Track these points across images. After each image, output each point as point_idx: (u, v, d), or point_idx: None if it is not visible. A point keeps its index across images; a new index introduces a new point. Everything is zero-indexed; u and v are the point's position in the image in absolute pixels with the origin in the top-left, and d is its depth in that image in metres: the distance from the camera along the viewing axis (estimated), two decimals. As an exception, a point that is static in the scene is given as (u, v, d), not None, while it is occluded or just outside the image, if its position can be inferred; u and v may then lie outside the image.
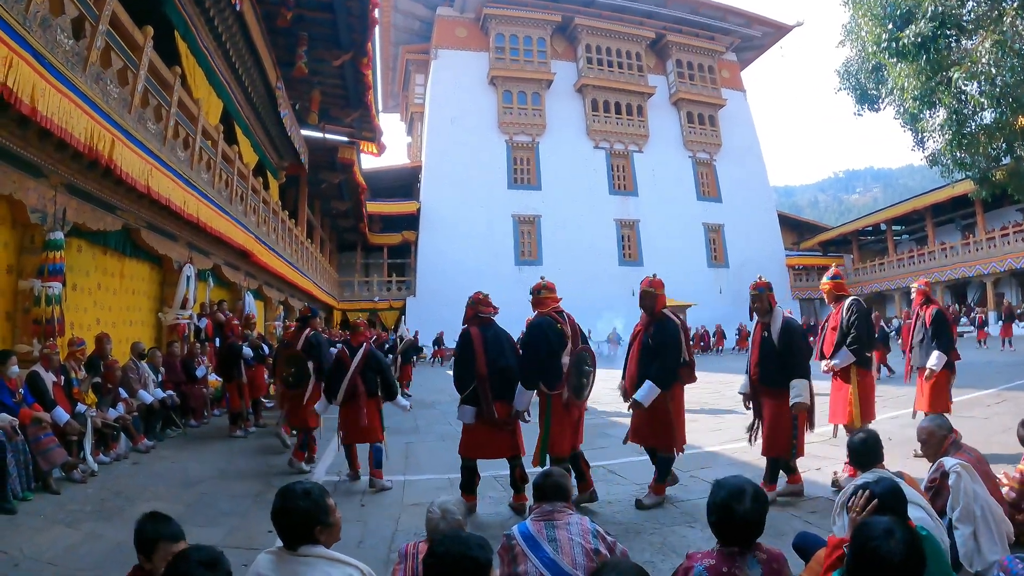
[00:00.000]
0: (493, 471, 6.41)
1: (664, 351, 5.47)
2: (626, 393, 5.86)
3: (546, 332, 5.36)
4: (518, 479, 5.62)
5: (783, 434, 5.58)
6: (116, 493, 6.01)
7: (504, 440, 5.58)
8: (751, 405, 6.08)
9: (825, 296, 6.66)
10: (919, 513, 2.93)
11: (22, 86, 5.39)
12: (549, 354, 5.31)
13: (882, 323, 15.52)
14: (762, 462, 6.94)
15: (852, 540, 2.23)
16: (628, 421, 9.84)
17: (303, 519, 2.46)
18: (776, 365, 5.59)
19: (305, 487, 2.55)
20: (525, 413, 5.50)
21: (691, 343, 6.02)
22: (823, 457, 7.03)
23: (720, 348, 33.99)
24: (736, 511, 2.46)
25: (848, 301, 6.34)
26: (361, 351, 6.90)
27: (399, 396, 7.09)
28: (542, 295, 5.70)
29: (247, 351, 10.00)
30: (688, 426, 9.74)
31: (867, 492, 2.75)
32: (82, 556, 4.43)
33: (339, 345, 7.88)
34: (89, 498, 5.77)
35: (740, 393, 6.25)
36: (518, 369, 5.53)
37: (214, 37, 12.21)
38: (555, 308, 5.60)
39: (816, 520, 4.80)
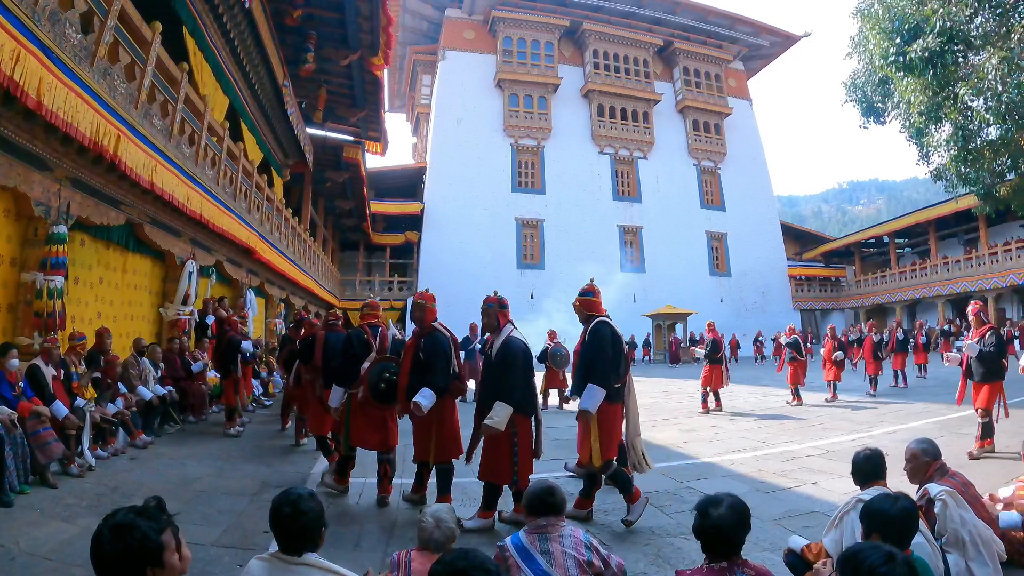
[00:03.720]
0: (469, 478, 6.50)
1: (436, 363, 5.63)
2: (401, 408, 5.91)
3: (352, 341, 6.40)
4: (330, 447, 7.24)
5: (501, 459, 5.26)
6: (113, 489, 6.01)
7: (331, 420, 6.85)
8: None
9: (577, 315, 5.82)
10: (918, 538, 2.93)
11: (29, 80, 5.39)
12: (352, 360, 6.25)
13: (900, 331, 15.61)
14: (760, 474, 7.00)
15: (846, 564, 2.17)
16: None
17: (316, 522, 2.48)
18: (495, 386, 5.28)
19: (307, 490, 2.57)
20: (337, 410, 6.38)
21: (460, 356, 6.13)
22: (819, 471, 7.03)
23: (736, 357, 33.83)
24: (710, 517, 2.55)
25: (593, 324, 5.50)
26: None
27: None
28: (365, 311, 6.84)
29: (245, 345, 10.00)
30: (685, 435, 9.81)
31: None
32: (78, 551, 4.40)
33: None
34: (86, 493, 5.76)
35: None
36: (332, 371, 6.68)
37: (222, 34, 12.23)
38: (370, 323, 6.57)
39: (811, 535, 4.79)
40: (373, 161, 27.31)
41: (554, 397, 13.14)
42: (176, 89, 9.75)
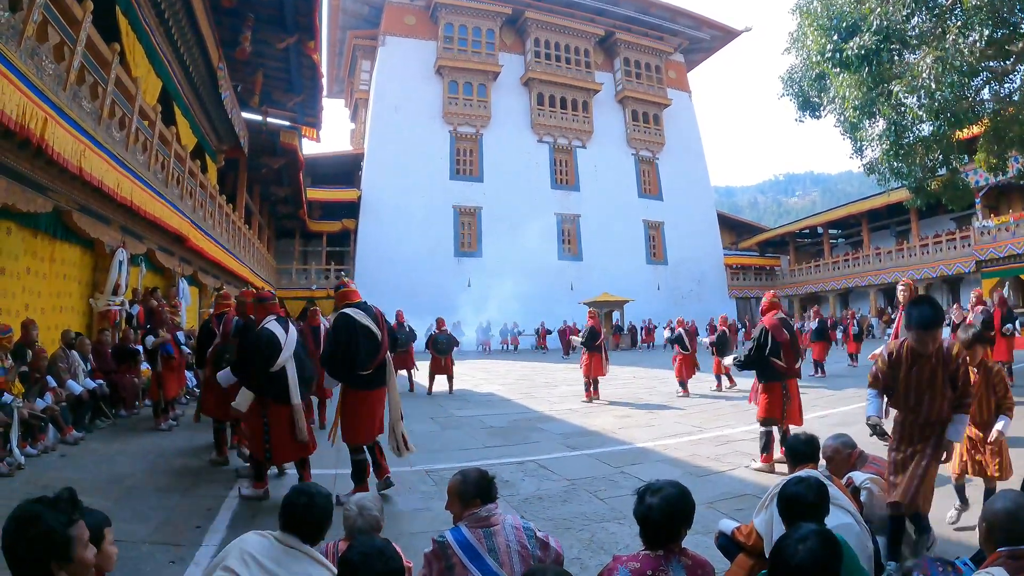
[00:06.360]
0: (423, 466, 6.66)
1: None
2: None
3: (204, 331, 7.70)
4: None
5: (255, 436, 5.71)
6: (44, 487, 5.73)
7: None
8: None
9: None
10: (847, 519, 3.00)
11: (-48, 61, 5.14)
12: (201, 345, 7.69)
13: (820, 318, 16.00)
14: (693, 459, 7.20)
15: (774, 544, 2.23)
16: (562, 417, 10.09)
17: (326, 515, 2.67)
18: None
19: (321, 486, 2.76)
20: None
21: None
22: (752, 454, 7.22)
23: (651, 343, 34.41)
24: (646, 504, 2.54)
25: (335, 316, 5.80)
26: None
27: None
28: (218, 301, 7.98)
29: (148, 340, 9.39)
30: (620, 421, 10.00)
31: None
32: (8, 554, 4.25)
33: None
34: (15, 492, 5.53)
35: None
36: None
37: (156, 14, 11.83)
38: (219, 312, 7.63)
39: (743, 518, 4.90)
40: (310, 147, 26.93)
41: (442, 383, 14.25)
42: (107, 71, 9.40)
